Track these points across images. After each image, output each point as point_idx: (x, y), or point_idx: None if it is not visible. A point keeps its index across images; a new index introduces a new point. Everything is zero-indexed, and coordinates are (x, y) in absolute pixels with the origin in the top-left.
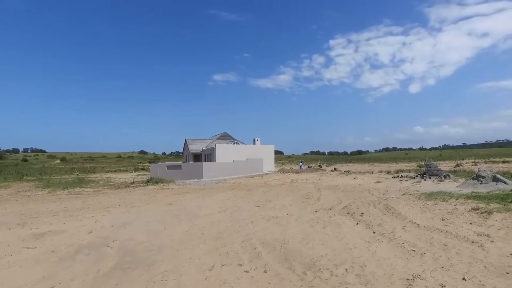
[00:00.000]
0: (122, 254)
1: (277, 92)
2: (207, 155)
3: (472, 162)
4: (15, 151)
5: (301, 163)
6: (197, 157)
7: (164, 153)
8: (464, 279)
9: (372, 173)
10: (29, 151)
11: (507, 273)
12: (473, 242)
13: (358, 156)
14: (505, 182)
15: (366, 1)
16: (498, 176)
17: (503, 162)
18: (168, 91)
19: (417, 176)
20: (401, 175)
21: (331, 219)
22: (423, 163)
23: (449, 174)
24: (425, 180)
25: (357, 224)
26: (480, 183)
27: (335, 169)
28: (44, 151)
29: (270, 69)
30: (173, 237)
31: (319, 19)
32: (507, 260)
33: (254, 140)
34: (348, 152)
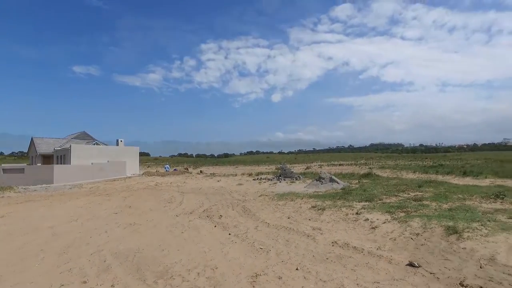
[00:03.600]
0: None
1: (145, 91)
2: (60, 157)
3: (318, 165)
4: None
5: (167, 166)
6: (47, 159)
7: (1, 153)
8: (297, 269)
9: (236, 175)
10: None
11: (327, 258)
12: (308, 236)
13: (224, 159)
14: (337, 182)
15: (238, 11)
16: (333, 177)
17: (340, 165)
18: (11, 78)
19: (274, 178)
20: (261, 178)
21: (190, 223)
22: (280, 166)
23: (300, 176)
24: (280, 182)
25: (215, 226)
26: (321, 184)
27: (201, 171)
28: None
29: (139, 66)
30: None
31: (193, 22)
32: (328, 248)
33: (117, 141)
34: (215, 155)
